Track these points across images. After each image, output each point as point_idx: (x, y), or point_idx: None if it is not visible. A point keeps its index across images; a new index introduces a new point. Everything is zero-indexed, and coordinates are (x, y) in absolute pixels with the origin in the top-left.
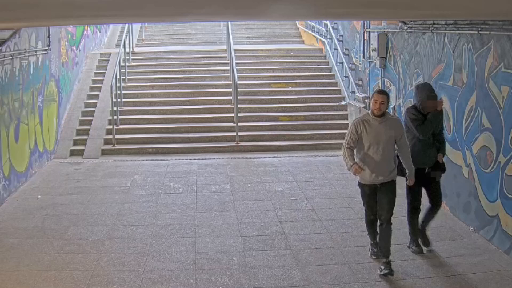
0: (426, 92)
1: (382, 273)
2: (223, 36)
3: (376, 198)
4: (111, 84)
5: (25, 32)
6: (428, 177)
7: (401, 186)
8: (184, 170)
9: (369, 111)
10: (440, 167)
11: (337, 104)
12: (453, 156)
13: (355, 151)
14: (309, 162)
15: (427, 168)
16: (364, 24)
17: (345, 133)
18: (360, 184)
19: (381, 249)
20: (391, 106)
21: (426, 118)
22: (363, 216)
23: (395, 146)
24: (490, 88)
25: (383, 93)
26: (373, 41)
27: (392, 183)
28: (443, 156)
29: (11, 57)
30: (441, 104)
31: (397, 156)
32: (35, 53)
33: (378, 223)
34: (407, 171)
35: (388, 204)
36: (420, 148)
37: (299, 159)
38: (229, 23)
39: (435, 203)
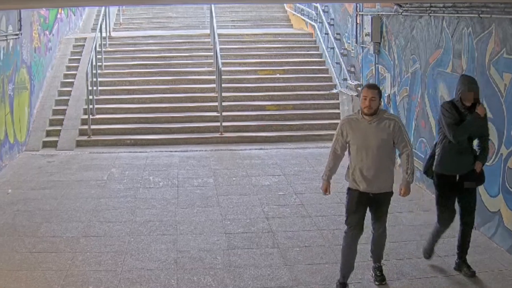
0: (467, 83)
1: (375, 279)
2: (206, 20)
3: (367, 209)
4: (87, 71)
5: None
6: (461, 188)
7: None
8: (164, 163)
9: (359, 109)
10: (476, 177)
11: (328, 92)
12: None
13: (347, 155)
14: (298, 154)
15: (457, 177)
16: (356, 6)
17: (337, 123)
18: (349, 190)
19: (375, 254)
20: (386, 95)
21: (464, 119)
22: None
23: (396, 151)
24: (491, 75)
25: (373, 87)
26: (366, 25)
27: (388, 196)
28: (482, 165)
29: None
30: (483, 110)
31: (432, 155)
32: (5, 38)
33: (371, 230)
34: (408, 179)
35: (384, 214)
36: (451, 151)
37: (287, 151)
38: (212, 5)
39: (465, 221)
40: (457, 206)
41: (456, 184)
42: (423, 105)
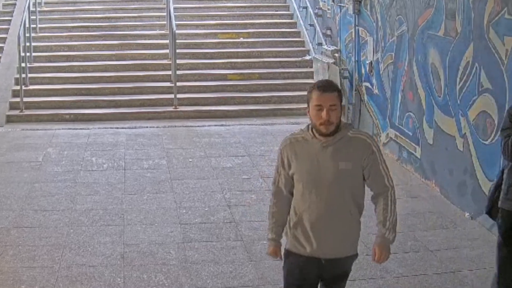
0: None
1: None
2: None
3: (316, 284)
4: (19, 34)
5: None
6: None
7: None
8: (109, 142)
9: (308, 125)
10: None
11: (300, 59)
12: (444, 125)
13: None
14: (265, 131)
15: None
16: None
17: None
18: (289, 254)
19: None
20: (367, 62)
21: None
22: None
23: (366, 189)
24: (490, 39)
25: (331, 88)
26: None
27: (348, 262)
28: None
29: None
30: None
31: (497, 185)
32: None
33: None
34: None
35: None
36: None
37: (252, 127)
38: None
39: None
40: None
41: None
42: (411, 74)
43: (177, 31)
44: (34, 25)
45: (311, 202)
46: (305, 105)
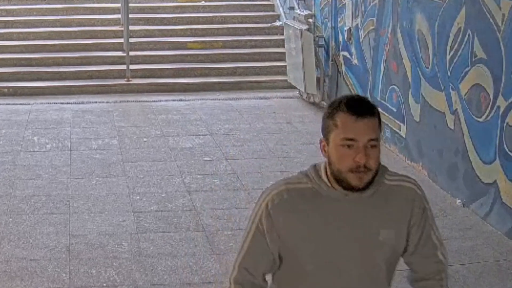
0: None
1: None
2: None
3: None
4: None
5: None
6: None
7: None
8: (53, 119)
9: (322, 169)
10: None
11: (269, 25)
12: (432, 99)
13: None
14: (229, 107)
15: None
16: None
17: (283, 66)
18: None
19: None
20: (345, 28)
21: None
22: None
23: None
24: (485, 3)
25: (370, 111)
26: None
27: None
28: None
29: None
30: None
31: None
32: None
33: None
34: None
35: None
36: None
37: (215, 103)
38: None
39: None
40: None
41: None
42: (395, 43)
43: None
44: None
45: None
46: (276, 77)
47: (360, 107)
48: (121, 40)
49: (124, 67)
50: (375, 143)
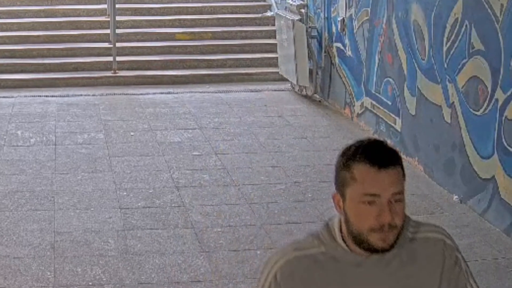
0: None
1: None
2: None
3: None
4: None
5: None
6: None
7: None
8: (37, 112)
9: (336, 228)
10: None
11: (260, 16)
12: (429, 92)
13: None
14: (219, 100)
15: None
16: None
17: (274, 58)
18: None
19: None
20: (339, 19)
21: None
22: (297, 181)
23: None
24: None
25: (392, 160)
26: None
27: None
28: None
29: None
30: None
31: None
32: None
33: None
34: None
35: None
36: None
37: (204, 96)
38: None
39: None
40: None
41: None
42: (389, 33)
43: None
44: None
45: None
46: (267, 69)
47: (382, 156)
48: (108, 31)
49: (110, 59)
50: (400, 197)
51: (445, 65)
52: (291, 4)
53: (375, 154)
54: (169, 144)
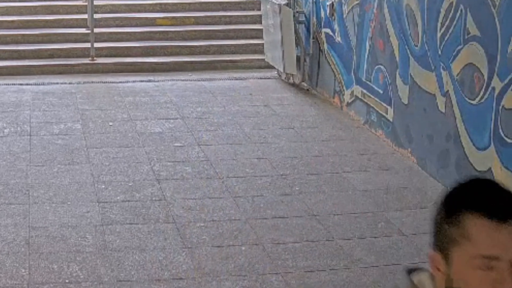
0: None
1: None
2: None
3: None
4: None
5: None
6: None
7: None
8: (11, 101)
9: None
10: None
11: (244, 0)
12: (422, 80)
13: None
14: (202, 88)
15: None
16: None
17: (260, 44)
18: None
19: None
20: (328, 3)
21: None
22: (284, 173)
23: None
24: None
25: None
26: None
27: None
28: None
29: None
30: None
31: None
32: None
33: None
34: None
35: None
36: None
37: (187, 84)
38: None
39: None
40: None
41: None
42: (381, 19)
43: None
44: None
45: None
46: (252, 56)
47: (501, 206)
48: (85, 16)
49: (88, 45)
50: None
51: (439, 52)
52: None
53: (493, 203)
54: (149, 134)
